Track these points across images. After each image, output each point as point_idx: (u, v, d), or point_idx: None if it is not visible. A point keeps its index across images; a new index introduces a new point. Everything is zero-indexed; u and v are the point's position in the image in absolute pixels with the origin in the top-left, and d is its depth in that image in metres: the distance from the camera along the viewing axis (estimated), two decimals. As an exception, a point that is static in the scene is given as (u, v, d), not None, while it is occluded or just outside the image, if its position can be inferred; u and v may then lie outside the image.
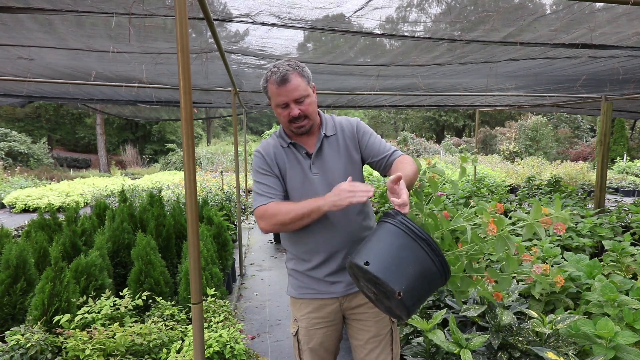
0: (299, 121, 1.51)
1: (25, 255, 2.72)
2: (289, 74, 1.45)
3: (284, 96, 1.47)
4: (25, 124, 24.83)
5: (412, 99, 5.92)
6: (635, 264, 2.89)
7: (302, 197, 1.49)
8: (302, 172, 1.57)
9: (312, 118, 1.54)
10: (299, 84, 1.47)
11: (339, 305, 1.64)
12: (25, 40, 2.81)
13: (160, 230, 3.65)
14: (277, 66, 1.48)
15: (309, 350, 1.67)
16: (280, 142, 1.62)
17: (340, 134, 1.63)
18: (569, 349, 1.87)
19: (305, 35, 3.01)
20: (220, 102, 5.87)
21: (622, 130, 19.51)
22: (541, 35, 2.60)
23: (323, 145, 1.59)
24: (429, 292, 1.24)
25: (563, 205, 5.14)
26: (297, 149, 1.59)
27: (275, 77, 1.46)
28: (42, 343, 2.08)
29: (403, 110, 29.97)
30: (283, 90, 1.46)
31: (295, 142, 1.60)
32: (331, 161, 1.58)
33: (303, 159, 1.58)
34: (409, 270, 1.14)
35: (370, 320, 1.63)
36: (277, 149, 1.61)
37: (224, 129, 39.30)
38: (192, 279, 1.48)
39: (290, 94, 1.47)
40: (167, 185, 10.43)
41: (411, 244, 1.17)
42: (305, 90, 1.49)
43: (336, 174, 1.57)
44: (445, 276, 1.22)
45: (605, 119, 5.33)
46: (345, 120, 1.68)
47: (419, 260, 1.16)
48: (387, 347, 1.64)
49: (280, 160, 1.59)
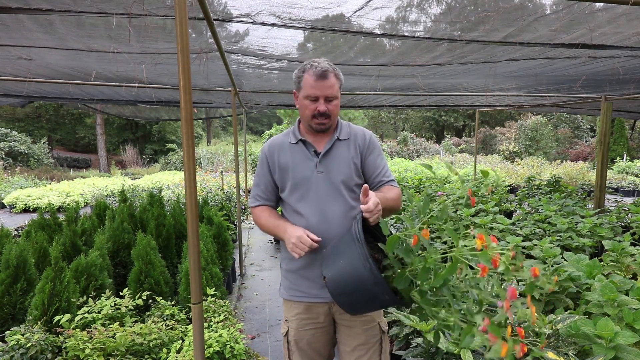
0: (322, 118, 1.56)
1: (25, 255, 2.72)
2: (328, 72, 1.53)
3: (318, 90, 1.52)
4: (25, 124, 24.83)
5: (412, 99, 5.92)
6: (635, 264, 2.89)
7: (306, 193, 1.58)
8: (308, 169, 1.60)
9: (333, 119, 1.60)
10: (334, 84, 1.55)
11: (329, 309, 1.65)
12: (25, 40, 2.82)
13: (160, 230, 3.65)
14: (317, 61, 1.55)
15: (298, 351, 1.68)
16: (289, 139, 1.66)
17: (353, 141, 1.66)
18: (569, 348, 1.87)
19: (305, 35, 3.01)
20: (220, 102, 5.87)
21: (622, 130, 19.52)
22: (541, 35, 2.60)
23: (333, 147, 1.63)
24: (360, 293, 1.25)
25: (563, 205, 5.16)
26: (307, 146, 1.63)
27: (314, 70, 1.52)
28: (42, 343, 2.08)
29: (403, 110, 29.97)
30: (319, 84, 1.52)
31: (305, 140, 1.63)
32: (337, 163, 1.61)
33: (311, 156, 1.62)
34: (339, 262, 1.29)
35: (359, 328, 1.63)
36: (282, 148, 1.65)
37: (224, 129, 39.30)
38: (192, 278, 1.48)
39: (324, 90, 1.53)
40: (167, 185, 10.44)
41: (350, 242, 1.29)
42: (337, 91, 1.57)
43: (339, 175, 1.59)
44: (378, 287, 1.20)
45: (605, 119, 5.33)
46: (361, 130, 1.72)
47: (350, 258, 1.26)
48: (374, 356, 1.64)
49: (284, 158, 1.63)
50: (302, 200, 1.59)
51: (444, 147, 24.46)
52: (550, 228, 4.10)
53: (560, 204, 5.22)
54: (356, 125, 1.73)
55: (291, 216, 1.63)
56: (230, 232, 5.54)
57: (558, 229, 3.99)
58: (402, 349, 2.31)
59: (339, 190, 1.59)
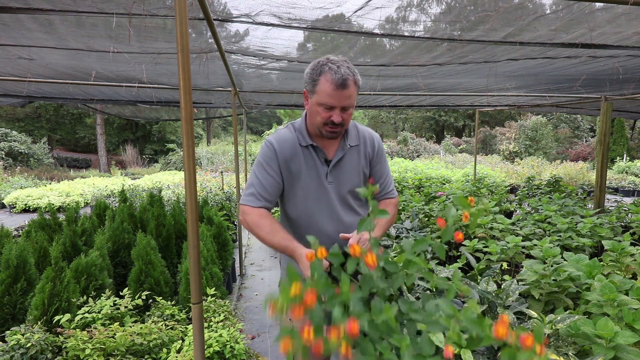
0: (335, 127, 1.45)
1: (25, 255, 2.72)
2: (349, 81, 1.38)
3: (336, 100, 1.39)
4: (25, 124, 24.83)
5: (412, 99, 5.92)
6: (635, 264, 2.89)
7: (316, 203, 1.51)
8: (318, 178, 1.53)
9: (346, 127, 1.49)
10: (353, 93, 1.42)
11: None
12: (25, 40, 2.82)
13: (160, 230, 3.65)
14: (337, 65, 1.39)
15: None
16: (299, 140, 1.53)
17: (362, 146, 1.59)
18: (569, 348, 1.87)
19: (305, 36, 3.01)
20: (220, 102, 5.87)
21: (622, 130, 19.51)
22: (541, 35, 2.60)
23: (345, 156, 1.55)
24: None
25: (563, 205, 5.16)
26: (317, 152, 1.53)
27: (335, 76, 1.37)
28: (42, 343, 2.08)
29: (403, 110, 29.96)
30: (338, 93, 1.38)
31: (316, 145, 1.53)
32: (347, 172, 1.55)
33: (321, 165, 1.53)
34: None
35: None
36: (294, 149, 1.52)
37: (224, 129, 39.29)
38: (192, 278, 1.48)
39: (342, 101, 1.40)
40: (167, 185, 10.43)
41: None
42: (354, 101, 1.44)
43: (349, 186, 1.55)
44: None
45: (605, 119, 5.33)
46: (369, 134, 1.64)
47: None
48: None
49: (296, 160, 1.52)
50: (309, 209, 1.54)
51: (444, 147, 24.45)
52: (550, 228, 4.10)
53: (560, 204, 5.22)
54: (363, 127, 1.66)
55: (292, 225, 1.60)
56: (230, 232, 5.54)
57: (558, 229, 3.99)
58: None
59: (347, 201, 1.57)
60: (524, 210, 5.18)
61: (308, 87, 1.46)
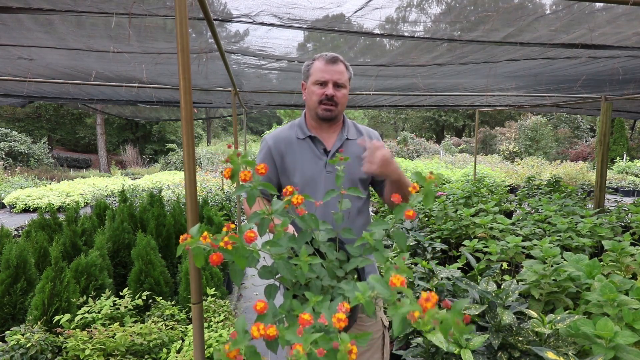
0: (329, 103, 1.53)
1: (25, 255, 2.72)
2: (339, 59, 1.55)
3: (328, 74, 1.52)
4: (25, 124, 24.83)
5: (412, 99, 5.93)
6: (634, 264, 2.89)
7: (314, 193, 1.53)
8: (317, 168, 1.57)
9: (340, 109, 1.58)
10: (344, 71, 1.56)
11: None
12: (25, 40, 2.82)
13: (160, 230, 3.65)
14: (327, 53, 1.57)
15: None
16: (297, 133, 1.61)
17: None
18: (569, 348, 1.87)
19: (305, 36, 3.01)
20: (221, 102, 5.88)
21: (622, 130, 19.52)
22: (541, 35, 2.60)
23: (343, 146, 1.60)
24: None
25: (563, 205, 5.16)
26: (316, 143, 1.59)
27: (325, 56, 1.54)
28: (42, 343, 2.08)
29: (403, 110, 29.96)
30: (329, 68, 1.52)
31: (314, 136, 1.59)
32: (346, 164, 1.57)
33: (320, 154, 1.58)
34: None
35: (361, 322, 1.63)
36: (289, 144, 1.59)
37: (224, 129, 39.31)
38: (192, 278, 1.48)
39: (333, 74, 1.52)
40: (167, 185, 10.43)
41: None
42: (346, 80, 1.57)
43: (348, 174, 1.56)
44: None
45: (605, 119, 5.33)
46: (367, 130, 1.70)
47: None
48: (378, 350, 1.66)
49: (290, 155, 1.58)
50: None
51: (444, 147, 24.46)
52: (550, 228, 4.10)
53: (560, 204, 5.22)
54: (362, 125, 1.71)
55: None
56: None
57: (558, 229, 3.99)
58: (402, 348, 2.31)
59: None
60: (524, 210, 5.18)
61: (304, 77, 1.61)
